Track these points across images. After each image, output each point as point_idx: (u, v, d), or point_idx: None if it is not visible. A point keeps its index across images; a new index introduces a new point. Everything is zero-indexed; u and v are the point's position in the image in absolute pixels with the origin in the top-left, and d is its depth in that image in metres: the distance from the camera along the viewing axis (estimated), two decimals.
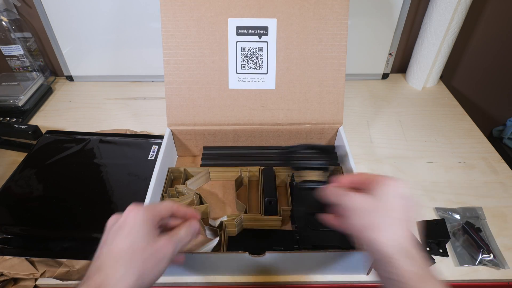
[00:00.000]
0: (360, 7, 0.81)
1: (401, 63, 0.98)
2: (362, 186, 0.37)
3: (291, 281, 0.50)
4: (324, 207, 0.40)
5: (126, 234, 0.33)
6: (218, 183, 0.63)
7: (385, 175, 0.37)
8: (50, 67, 0.96)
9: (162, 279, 0.50)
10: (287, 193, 0.59)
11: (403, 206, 0.35)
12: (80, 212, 0.55)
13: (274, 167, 0.61)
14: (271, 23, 0.60)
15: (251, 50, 0.61)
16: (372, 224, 0.34)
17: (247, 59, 0.61)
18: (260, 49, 0.61)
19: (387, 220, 0.34)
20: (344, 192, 0.37)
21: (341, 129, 0.65)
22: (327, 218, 0.41)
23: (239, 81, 0.62)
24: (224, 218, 0.53)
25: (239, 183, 0.62)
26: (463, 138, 0.76)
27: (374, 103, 0.87)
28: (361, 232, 0.35)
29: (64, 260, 0.50)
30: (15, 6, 0.83)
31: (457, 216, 0.58)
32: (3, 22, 0.81)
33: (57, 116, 0.82)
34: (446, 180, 0.66)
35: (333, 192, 0.39)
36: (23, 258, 0.50)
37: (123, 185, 0.60)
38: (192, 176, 0.61)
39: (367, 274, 0.50)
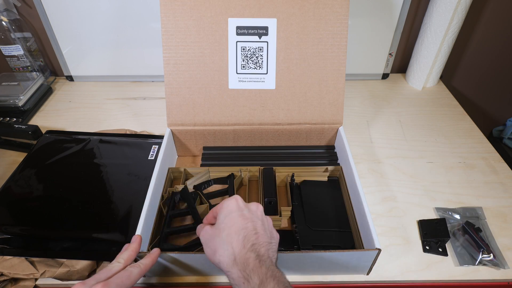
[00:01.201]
0: (360, 7, 0.81)
1: (401, 63, 0.98)
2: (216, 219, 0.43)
3: (291, 281, 0.50)
4: None
5: None
6: None
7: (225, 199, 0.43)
8: (50, 67, 0.96)
9: (161, 279, 0.50)
10: (287, 193, 0.59)
11: (233, 221, 0.40)
12: (80, 212, 0.55)
13: (274, 167, 0.61)
14: (271, 23, 0.60)
15: (251, 50, 0.61)
16: (212, 250, 0.40)
17: (247, 59, 0.61)
18: (260, 49, 0.61)
19: (220, 241, 0.39)
20: (199, 227, 0.44)
21: (341, 129, 0.65)
22: None
23: (239, 81, 0.62)
24: None
25: (239, 183, 0.62)
26: (463, 138, 0.76)
27: (374, 103, 0.87)
28: (210, 259, 0.40)
29: (64, 260, 0.50)
30: (15, 6, 0.83)
31: (457, 216, 0.58)
32: (3, 22, 0.81)
33: (57, 116, 0.82)
34: (446, 180, 0.66)
35: (198, 229, 0.45)
36: (23, 258, 0.50)
37: (123, 185, 0.60)
38: (192, 176, 0.61)
39: (367, 274, 0.50)
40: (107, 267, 0.40)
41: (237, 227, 0.39)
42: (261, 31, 0.60)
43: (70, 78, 0.94)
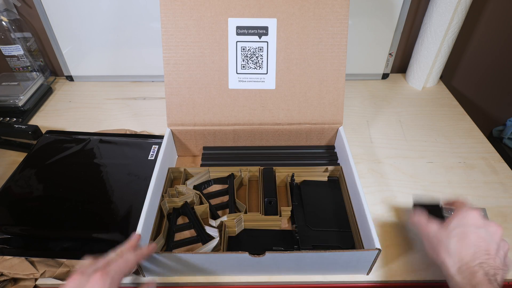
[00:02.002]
0: (360, 7, 0.81)
1: (401, 63, 0.98)
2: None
3: (291, 281, 0.50)
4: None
5: None
6: None
7: (466, 204, 0.47)
8: (50, 67, 0.96)
9: (162, 279, 0.50)
10: (287, 193, 0.59)
11: (466, 234, 0.42)
12: (80, 212, 0.55)
13: (274, 167, 0.61)
14: (271, 23, 0.60)
15: (251, 50, 0.61)
16: (435, 250, 0.43)
17: (247, 59, 0.61)
18: (260, 49, 0.61)
19: (446, 247, 0.42)
20: (420, 218, 0.48)
21: (341, 129, 0.65)
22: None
23: (239, 81, 0.62)
24: (224, 218, 0.53)
25: (239, 183, 0.62)
26: (463, 138, 0.76)
27: (374, 103, 0.87)
28: (428, 253, 0.45)
29: (64, 260, 0.50)
30: (15, 6, 0.83)
31: None
32: (3, 22, 0.81)
33: (57, 116, 0.82)
34: (446, 180, 0.66)
35: (415, 221, 0.49)
36: (23, 258, 0.50)
37: (123, 185, 0.60)
38: (192, 176, 0.61)
39: (367, 274, 0.50)
40: (104, 256, 0.40)
41: (468, 242, 0.41)
42: (261, 31, 0.60)
43: (70, 78, 0.94)
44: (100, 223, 0.54)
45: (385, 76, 0.95)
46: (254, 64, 0.62)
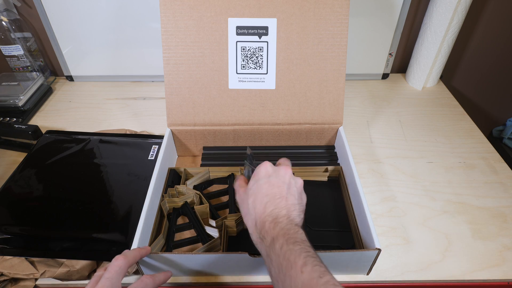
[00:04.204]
0: (360, 7, 0.81)
1: (401, 63, 0.98)
2: None
3: None
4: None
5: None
6: None
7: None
8: (50, 67, 0.96)
9: None
10: None
11: (259, 188, 0.41)
12: (80, 212, 0.55)
13: None
14: (271, 23, 0.60)
15: (251, 50, 0.61)
16: (243, 214, 0.43)
17: (247, 59, 0.61)
18: (260, 49, 0.61)
19: (247, 207, 0.41)
20: (238, 184, 0.46)
21: (341, 129, 0.65)
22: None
23: (239, 81, 0.62)
24: (224, 218, 0.53)
25: None
26: (463, 138, 0.76)
27: (374, 103, 0.87)
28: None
29: (64, 260, 0.50)
30: (15, 6, 0.83)
31: None
32: (3, 22, 0.81)
33: (57, 116, 0.82)
34: (446, 180, 0.66)
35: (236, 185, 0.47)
36: (23, 258, 0.50)
37: (123, 185, 0.60)
38: (192, 176, 0.61)
39: (367, 274, 0.50)
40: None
41: (262, 194, 0.40)
42: (261, 31, 0.60)
43: (70, 78, 0.94)
44: (100, 223, 0.54)
45: (385, 76, 0.95)
46: (254, 64, 0.62)
